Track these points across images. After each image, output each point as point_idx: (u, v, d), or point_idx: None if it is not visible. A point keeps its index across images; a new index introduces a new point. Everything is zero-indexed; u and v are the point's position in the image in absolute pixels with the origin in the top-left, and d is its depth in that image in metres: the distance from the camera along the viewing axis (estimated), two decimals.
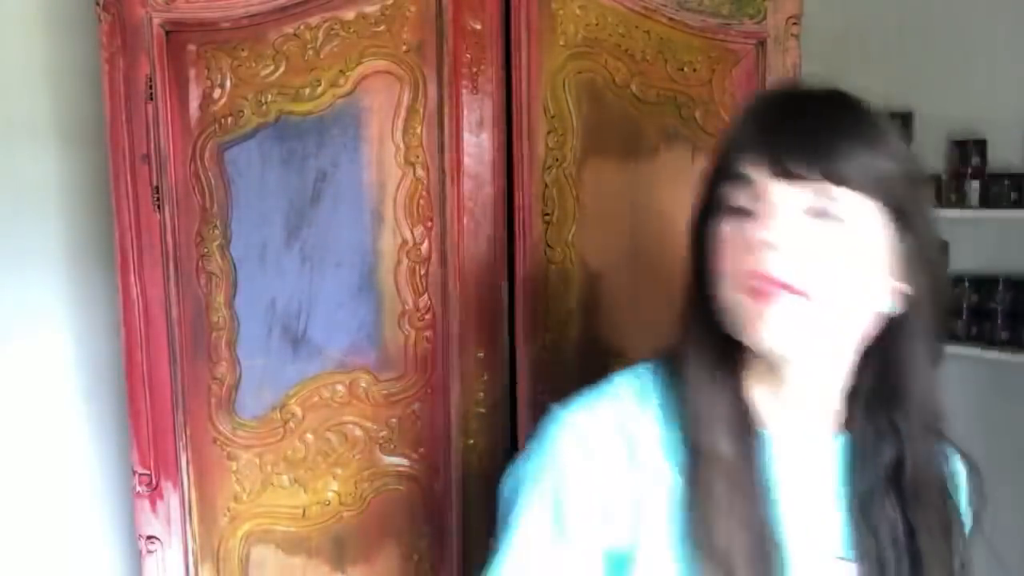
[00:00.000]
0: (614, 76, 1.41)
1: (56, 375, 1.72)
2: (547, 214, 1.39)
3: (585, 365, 1.44)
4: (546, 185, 1.39)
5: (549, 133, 1.39)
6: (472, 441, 1.41)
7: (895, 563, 0.82)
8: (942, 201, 2.34)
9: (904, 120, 2.37)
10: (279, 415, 1.38)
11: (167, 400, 1.34)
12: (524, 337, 1.41)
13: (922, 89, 2.39)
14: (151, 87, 1.28)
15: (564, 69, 1.39)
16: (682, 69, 1.43)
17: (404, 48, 1.34)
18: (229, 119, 1.32)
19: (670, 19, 1.41)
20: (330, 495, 1.41)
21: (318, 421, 1.39)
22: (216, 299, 1.35)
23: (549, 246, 1.40)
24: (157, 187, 1.30)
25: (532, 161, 1.38)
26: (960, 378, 2.34)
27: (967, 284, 2.27)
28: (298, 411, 1.39)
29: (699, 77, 1.44)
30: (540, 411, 1.39)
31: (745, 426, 0.81)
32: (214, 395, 1.37)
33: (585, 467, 0.82)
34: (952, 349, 2.29)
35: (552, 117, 1.39)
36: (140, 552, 1.38)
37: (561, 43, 1.38)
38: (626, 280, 1.46)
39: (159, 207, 1.31)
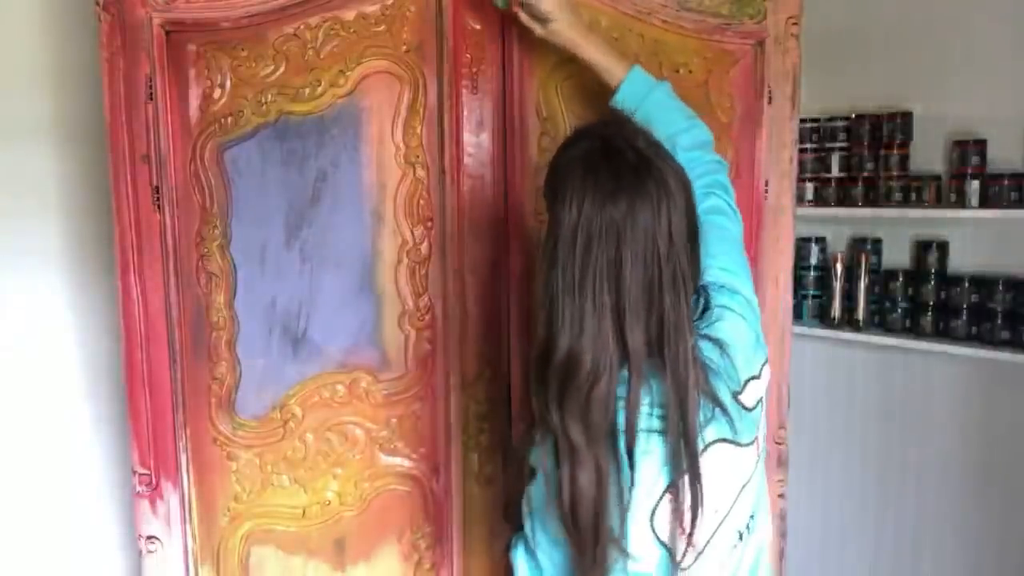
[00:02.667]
0: None
1: (56, 375, 1.72)
2: (540, 214, 1.39)
3: None
4: (539, 187, 1.39)
5: (542, 135, 1.39)
6: (472, 441, 1.41)
7: None
8: (942, 201, 2.33)
9: (904, 120, 2.37)
10: (279, 415, 1.38)
11: (167, 400, 1.34)
12: (521, 337, 1.40)
13: (922, 89, 2.38)
14: (151, 87, 1.28)
15: (557, 72, 1.38)
16: (677, 71, 1.42)
17: (404, 48, 1.34)
18: (229, 119, 1.32)
19: (664, 21, 1.40)
20: (330, 495, 1.41)
21: (318, 421, 1.39)
22: (216, 299, 1.35)
23: None
24: (157, 187, 1.30)
25: (524, 162, 1.38)
26: (960, 378, 2.33)
27: (967, 284, 2.26)
28: (298, 411, 1.39)
29: (694, 79, 1.43)
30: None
31: None
32: (214, 395, 1.37)
33: None
34: (952, 349, 2.28)
35: (545, 119, 1.39)
36: (140, 552, 1.38)
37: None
38: None
39: (159, 207, 1.31)
